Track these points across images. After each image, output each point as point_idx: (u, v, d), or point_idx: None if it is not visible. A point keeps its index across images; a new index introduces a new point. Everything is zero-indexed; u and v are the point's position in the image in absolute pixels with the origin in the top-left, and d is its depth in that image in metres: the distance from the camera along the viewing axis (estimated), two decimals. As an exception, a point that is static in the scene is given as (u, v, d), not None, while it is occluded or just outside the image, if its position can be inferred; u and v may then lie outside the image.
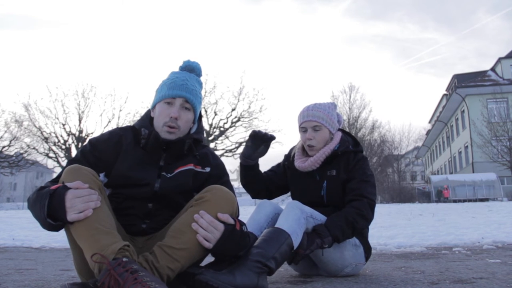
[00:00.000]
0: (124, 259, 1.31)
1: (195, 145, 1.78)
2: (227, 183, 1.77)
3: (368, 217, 2.04)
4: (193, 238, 1.47)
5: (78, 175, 1.47)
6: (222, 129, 25.57)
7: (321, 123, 2.20)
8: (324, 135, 2.21)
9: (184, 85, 1.73)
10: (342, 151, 2.18)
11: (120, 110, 26.10)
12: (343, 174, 2.16)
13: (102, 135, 1.76)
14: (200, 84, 1.82)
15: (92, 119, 43.42)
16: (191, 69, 1.82)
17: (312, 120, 2.20)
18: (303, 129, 2.24)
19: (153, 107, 1.78)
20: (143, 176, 1.66)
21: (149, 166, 1.69)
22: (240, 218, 1.63)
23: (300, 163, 2.22)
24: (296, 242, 1.80)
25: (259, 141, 2.09)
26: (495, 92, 25.54)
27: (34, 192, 1.49)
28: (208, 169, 1.77)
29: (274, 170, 2.40)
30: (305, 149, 2.27)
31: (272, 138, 2.08)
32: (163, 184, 1.67)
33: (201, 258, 1.58)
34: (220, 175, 1.79)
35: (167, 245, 1.46)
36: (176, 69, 1.86)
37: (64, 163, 25.31)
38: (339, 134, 2.27)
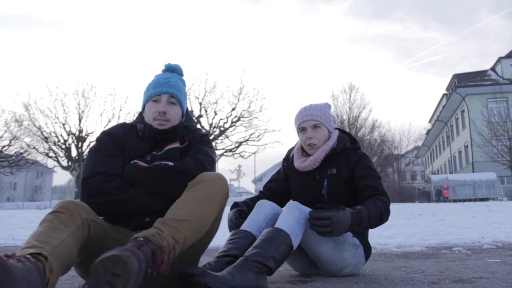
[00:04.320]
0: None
1: (186, 133, 1.86)
2: (201, 151, 1.80)
3: (389, 214, 2.05)
4: (193, 211, 1.51)
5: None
6: (222, 128, 25.54)
7: (320, 121, 2.20)
8: (324, 134, 2.21)
9: (167, 82, 1.86)
10: (340, 149, 2.19)
11: (120, 110, 26.04)
12: (344, 171, 2.16)
13: (111, 127, 1.89)
14: (183, 82, 1.96)
15: (92, 118, 43.03)
16: (172, 70, 1.98)
17: (311, 119, 2.20)
18: (302, 130, 2.24)
19: (143, 108, 1.90)
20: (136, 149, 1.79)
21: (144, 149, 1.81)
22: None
23: (299, 163, 2.22)
24: (295, 242, 1.80)
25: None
26: (495, 92, 25.47)
27: None
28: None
29: (275, 179, 2.39)
30: (304, 149, 2.27)
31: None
32: (153, 159, 1.77)
33: (202, 241, 1.62)
34: (195, 143, 1.84)
35: (168, 218, 1.48)
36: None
37: (64, 163, 25.32)
38: (336, 132, 2.28)
